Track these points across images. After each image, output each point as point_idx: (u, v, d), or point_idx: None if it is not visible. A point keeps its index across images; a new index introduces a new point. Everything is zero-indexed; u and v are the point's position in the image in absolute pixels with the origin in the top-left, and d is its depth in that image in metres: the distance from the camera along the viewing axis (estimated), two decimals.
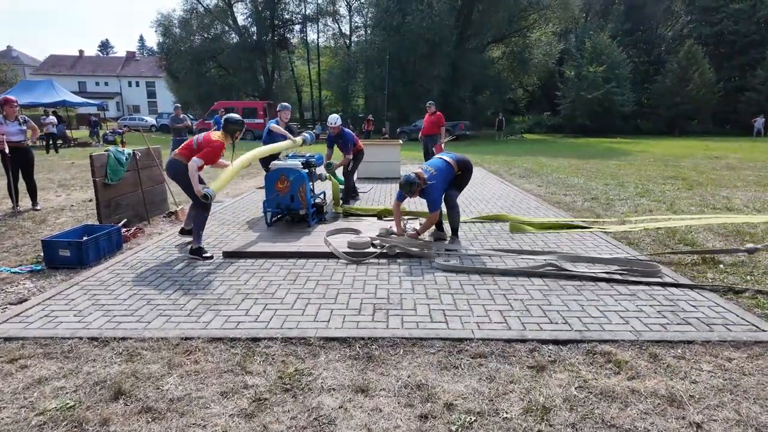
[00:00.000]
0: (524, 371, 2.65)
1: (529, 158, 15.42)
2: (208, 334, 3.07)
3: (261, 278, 4.10)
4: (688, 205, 7.16)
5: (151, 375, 2.60)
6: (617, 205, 7.31)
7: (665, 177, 10.48)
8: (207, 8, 37.85)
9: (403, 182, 4.87)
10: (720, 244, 5.14)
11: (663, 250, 4.95)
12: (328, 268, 4.39)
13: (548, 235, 5.55)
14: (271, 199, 5.70)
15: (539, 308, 3.46)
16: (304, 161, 5.88)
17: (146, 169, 6.44)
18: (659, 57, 36.40)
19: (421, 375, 2.59)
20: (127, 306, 3.52)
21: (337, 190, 6.52)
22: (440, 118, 10.74)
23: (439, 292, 3.78)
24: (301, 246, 4.89)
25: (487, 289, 3.83)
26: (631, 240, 5.31)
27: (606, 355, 2.81)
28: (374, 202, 7.79)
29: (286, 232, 5.50)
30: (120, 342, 2.97)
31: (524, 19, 33.02)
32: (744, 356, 2.79)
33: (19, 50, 65.85)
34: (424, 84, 29.06)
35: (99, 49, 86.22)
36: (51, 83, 22.87)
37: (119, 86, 60.13)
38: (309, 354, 2.83)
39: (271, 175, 5.64)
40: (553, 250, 4.85)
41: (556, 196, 8.21)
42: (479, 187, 9.16)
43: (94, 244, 4.58)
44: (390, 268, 4.39)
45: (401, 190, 4.93)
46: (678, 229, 5.65)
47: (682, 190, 8.70)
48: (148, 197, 6.40)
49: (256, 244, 4.99)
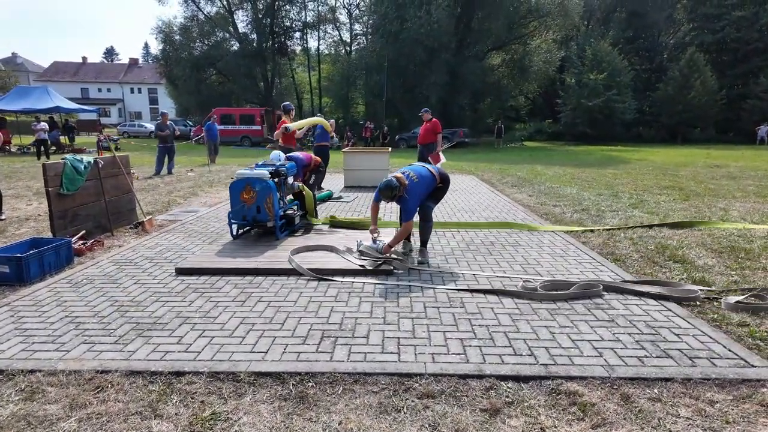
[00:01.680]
0: (475, 416, 2.31)
1: (524, 166, 15.08)
2: (129, 366, 2.74)
3: (208, 299, 3.77)
4: (682, 218, 6.80)
5: (46, 418, 2.27)
6: (608, 216, 6.96)
7: (662, 187, 10.12)
8: (208, 15, 37.87)
9: (384, 186, 4.54)
10: (713, 260, 4.79)
11: (651, 267, 4.61)
12: (285, 286, 4.06)
13: (530, 250, 5.21)
14: (237, 211, 5.38)
15: (505, 336, 3.12)
16: (272, 170, 5.56)
17: (111, 178, 6.15)
18: (661, 64, 36.11)
19: (354, 422, 2.26)
20: (51, 331, 3.20)
21: (311, 201, 6.20)
22: (436, 125, 10.40)
23: (398, 317, 3.44)
24: (261, 262, 4.57)
25: (452, 313, 3.49)
26: (617, 256, 4.96)
27: (572, 395, 2.47)
28: (356, 213, 7.47)
29: (251, 246, 5.17)
30: (27, 376, 2.65)
31: (524, 26, 32.80)
32: (729, 398, 2.44)
33: (24, 57, 66.24)
34: (423, 91, 28.80)
35: (104, 56, 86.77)
36: (45, 89, 22.73)
37: (121, 93, 60.33)
38: (234, 393, 2.50)
39: (236, 184, 5.33)
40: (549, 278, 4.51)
41: (546, 206, 7.87)
42: (467, 197, 8.83)
43: (37, 259, 4.27)
44: (353, 287, 4.07)
45: (379, 194, 4.61)
46: (669, 245, 5.29)
47: (678, 201, 8.34)
48: (112, 207, 6.10)
49: (214, 260, 4.67)
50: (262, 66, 37.38)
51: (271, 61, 38.03)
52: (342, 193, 9.38)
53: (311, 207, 6.22)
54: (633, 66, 33.03)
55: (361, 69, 32.51)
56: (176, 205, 8.12)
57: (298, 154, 6.71)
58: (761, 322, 3.31)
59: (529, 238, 5.75)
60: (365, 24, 37.55)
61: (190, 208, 7.84)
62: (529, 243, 5.51)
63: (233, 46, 37.69)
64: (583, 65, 31.75)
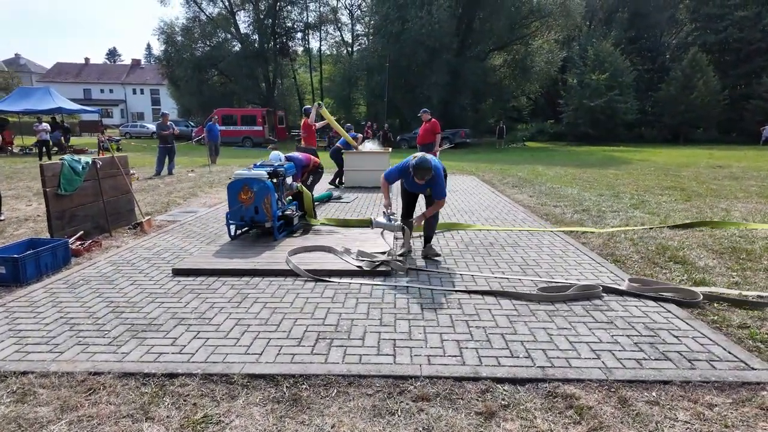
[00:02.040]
0: (470, 419, 2.28)
1: (525, 167, 15.04)
2: (122, 368, 2.72)
3: (204, 300, 3.75)
4: (683, 218, 6.76)
5: (36, 421, 2.25)
6: (608, 217, 6.92)
7: (663, 187, 10.06)
8: (210, 16, 37.91)
9: (419, 164, 4.37)
10: (714, 261, 4.75)
11: (651, 268, 4.57)
12: (282, 287, 4.04)
13: (529, 251, 5.17)
14: (235, 211, 5.36)
15: (502, 338, 3.09)
16: (271, 170, 5.55)
17: (110, 179, 6.14)
18: (663, 65, 35.95)
19: (347, 425, 2.23)
20: (45, 332, 3.18)
21: (310, 202, 6.18)
22: (435, 125, 10.38)
23: (395, 318, 3.42)
24: (258, 263, 4.55)
25: (449, 315, 3.46)
26: (617, 257, 4.92)
27: (568, 398, 2.44)
28: (356, 213, 7.45)
29: (249, 247, 5.15)
30: (19, 377, 2.63)
31: (526, 26, 32.71)
32: (728, 402, 2.41)
33: (27, 58, 66.54)
34: (424, 91, 28.73)
35: (107, 57, 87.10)
36: (47, 90, 22.76)
37: (124, 93, 60.47)
38: (227, 395, 2.47)
39: (234, 185, 5.31)
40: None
41: (546, 207, 7.83)
42: (467, 197, 8.80)
43: (33, 259, 4.26)
44: (350, 288, 4.04)
45: (414, 172, 4.41)
46: (670, 246, 5.25)
47: (679, 201, 8.29)
48: (111, 208, 6.09)
49: (211, 261, 4.65)
50: (263, 67, 37.39)
51: (272, 62, 38.05)
52: (342, 194, 9.36)
53: (310, 207, 6.20)
54: (635, 66, 32.89)
55: (363, 69, 32.48)
56: (176, 206, 8.11)
57: (297, 155, 6.70)
58: (762, 324, 3.28)
59: (528, 239, 5.72)
60: (367, 24, 37.56)
61: (189, 209, 7.83)
62: (528, 244, 5.47)
63: (235, 47, 37.73)
64: (585, 65, 31.63)
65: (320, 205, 8.15)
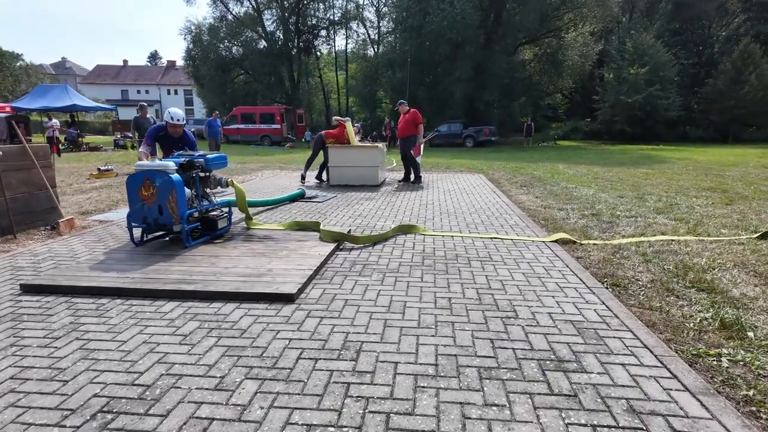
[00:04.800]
0: None
1: (544, 165, 13.56)
2: None
3: (15, 333, 2.74)
4: (719, 227, 5.33)
5: None
6: (622, 223, 5.56)
7: (701, 188, 8.50)
8: (237, 16, 37.73)
9: None
10: (754, 290, 3.38)
11: (662, 298, 3.26)
12: (136, 315, 2.98)
13: (500, 269, 3.93)
14: (135, 211, 4.36)
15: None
16: (185, 161, 4.52)
17: (18, 172, 5.28)
18: (711, 58, 33.15)
19: None
20: None
21: (242, 199, 5.13)
22: (416, 115, 9.22)
23: (247, 374, 2.29)
24: (133, 279, 3.51)
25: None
26: (617, 279, 3.62)
27: None
28: (321, 216, 6.32)
29: (147, 256, 4.13)
30: None
31: (558, 18, 30.80)
32: None
33: (72, 61, 69.11)
34: (447, 86, 27.42)
35: (148, 60, 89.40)
36: (65, 87, 22.80)
37: (159, 94, 61.69)
38: None
39: (134, 178, 4.31)
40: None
41: (549, 210, 6.51)
42: (458, 197, 7.54)
43: None
44: (225, 319, 2.94)
45: None
46: (694, 265, 3.90)
47: (718, 205, 6.78)
48: (19, 205, 5.22)
49: (77, 275, 3.64)
50: (287, 65, 36.92)
51: (296, 60, 37.52)
52: (318, 192, 8.28)
53: (243, 206, 5.14)
54: (679, 60, 30.41)
55: (384, 66, 31.45)
56: (124, 204, 7.24)
57: None
58: None
59: (508, 251, 4.46)
60: (390, 19, 36.49)
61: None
62: (504, 257, 4.23)
63: (260, 46, 37.39)
64: (623, 59, 29.43)
65: (288, 204, 7.11)
